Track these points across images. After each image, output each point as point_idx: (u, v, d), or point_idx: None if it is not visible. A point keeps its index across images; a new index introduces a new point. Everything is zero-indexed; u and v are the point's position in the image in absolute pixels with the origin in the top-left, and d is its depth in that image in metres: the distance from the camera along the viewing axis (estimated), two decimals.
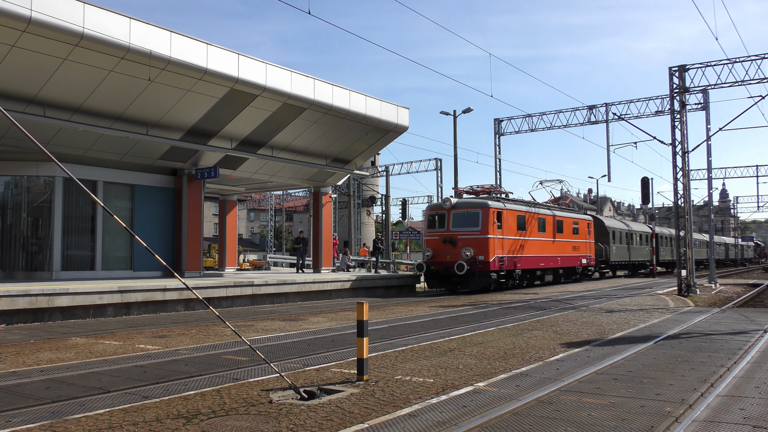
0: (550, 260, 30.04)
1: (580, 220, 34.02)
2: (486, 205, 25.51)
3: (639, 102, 35.10)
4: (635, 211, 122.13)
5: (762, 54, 23.96)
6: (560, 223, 31.25)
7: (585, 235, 34.24)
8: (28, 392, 7.02)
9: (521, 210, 27.82)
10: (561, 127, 37.48)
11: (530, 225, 28.18)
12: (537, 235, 28.71)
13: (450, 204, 26.06)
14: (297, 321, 14.70)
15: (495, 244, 25.18)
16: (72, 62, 17.90)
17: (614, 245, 40.05)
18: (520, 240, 27.08)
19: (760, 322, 14.20)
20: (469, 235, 25.21)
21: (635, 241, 44.61)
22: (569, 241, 32.16)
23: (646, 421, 5.73)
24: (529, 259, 27.93)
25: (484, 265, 24.72)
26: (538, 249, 28.83)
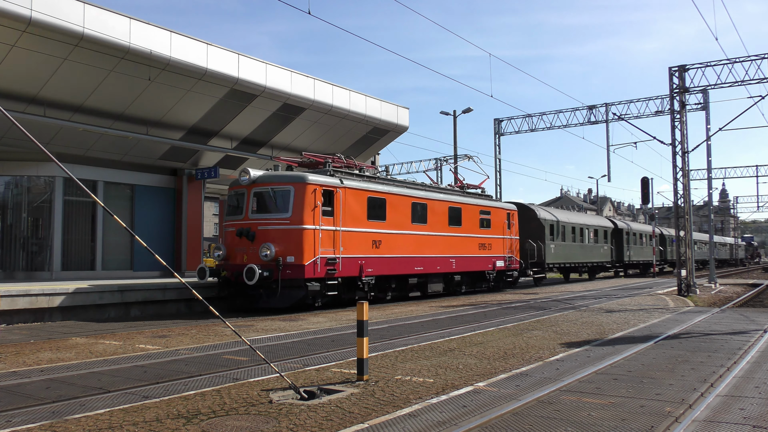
0: (435, 262, 21.89)
1: (495, 210, 26.07)
2: (302, 180, 17.03)
3: (639, 102, 35.09)
4: (635, 211, 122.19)
5: (762, 54, 23.97)
6: (456, 212, 23.34)
7: (502, 230, 26.28)
8: (28, 392, 7.02)
9: (375, 191, 19.37)
10: (561, 127, 37.46)
11: (396, 212, 20.12)
12: (410, 227, 20.78)
13: (249, 179, 17.30)
14: (297, 321, 14.70)
15: (316, 238, 16.88)
16: (72, 62, 17.90)
17: (552, 243, 32.19)
18: (372, 234, 18.93)
19: (760, 322, 14.21)
20: (273, 224, 16.87)
21: (588, 237, 36.87)
22: (474, 236, 24.26)
23: (646, 421, 5.73)
24: (391, 262, 19.73)
25: (296, 271, 16.49)
26: (412, 246, 20.79)
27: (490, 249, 25.45)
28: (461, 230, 23.55)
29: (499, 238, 26.19)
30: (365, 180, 19.70)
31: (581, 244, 35.85)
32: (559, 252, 32.98)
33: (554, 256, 32.33)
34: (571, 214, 37.21)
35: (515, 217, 27.86)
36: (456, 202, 23.55)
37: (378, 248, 19.25)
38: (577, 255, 35.25)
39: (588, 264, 37.35)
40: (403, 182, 22.14)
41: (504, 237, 26.55)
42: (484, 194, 26.87)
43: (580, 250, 35.75)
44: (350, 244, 18.22)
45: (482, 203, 25.40)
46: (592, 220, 39.49)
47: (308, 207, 16.92)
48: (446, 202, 22.93)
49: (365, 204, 18.92)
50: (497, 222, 26.03)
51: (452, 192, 24.51)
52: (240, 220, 17.33)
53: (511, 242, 27.26)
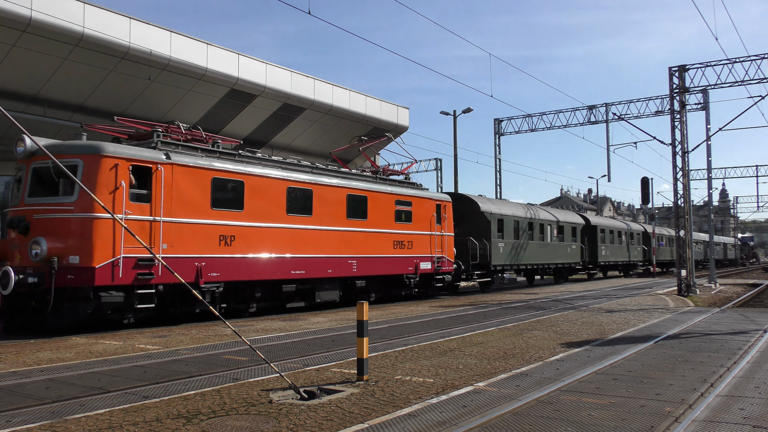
0: (325, 264, 17.42)
1: (418, 200, 21.47)
2: (96, 151, 12.81)
3: (639, 102, 35.11)
4: (635, 211, 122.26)
5: (762, 54, 23.98)
6: (359, 202, 18.90)
7: (428, 225, 21.81)
8: (28, 392, 7.02)
9: (226, 170, 14.94)
10: (561, 127, 37.48)
11: (261, 199, 15.67)
12: (285, 218, 16.26)
13: (25, 150, 13.11)
14: (297, 321, 14.71)
15: (117, 231, 12.66)
16: (72, 62, 17.91)
17: (501, 241, 26.92)
18: (219, 227, 14.63)
19: (760, 322, 14.21)
20: (52, 211, 12.70)
21: (550, 235, 31.96)
22: (386, 232, 19.85)
23: (646, 421, 5.73)
24: (251, 263, 15.26)
25: (81, 276, 12.25)
26: (287, 244, 16.28)
27: (412, 248, 20.80)
28: (367, 224, 18.97)
29: (425, 234, 21.58)
30: (211, 156, 14.98)
31: (542, 243, 30.75)
32: (511, 252, 27.79)
33: (503, 257, 27.01)
34: (525, 207, 31.64)
35: (448, 209, 23.09)
36: (359, 190, 18.89)
37: (229, 246, 14.79)
38: (535, 255, 30.11)
39: (551, 266, 32.26)
40: (275, 161, 16.96)
41: (432, 233, 21.91)
42: (407, 182, 22.11)
43: (541, 249, 30.60)
44: (181, 239, 13.78)
45: (400, 192, 20.69)
46: (557, 214, 34.20)
47: (104, 188, 12.50)
48: (343, 189, 18.25)
49: (209, 187, 14.42)
50: (422, 215, 21.49)
51: (353, 177, 19.46)
52: (15, 207, 13.19)
53: (443, 240, 22.46)
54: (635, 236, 44.56)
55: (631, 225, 46.15)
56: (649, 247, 45.97)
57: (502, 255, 27.02)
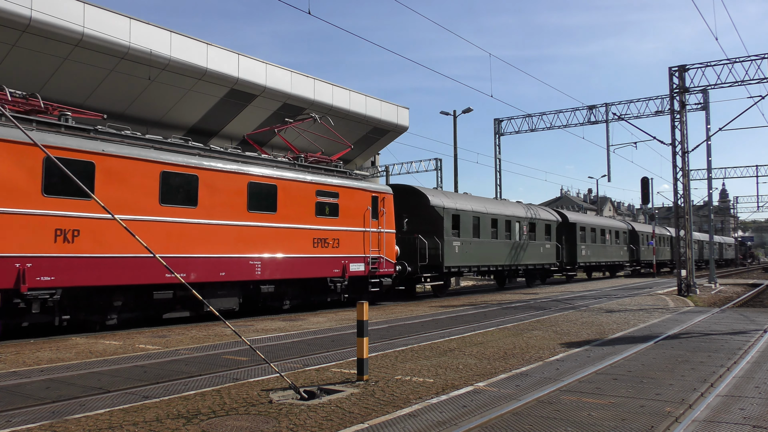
0: (216, 265, 14.56)
1: (348, 191, 18.32)
2: None
3: (639, 102, 35.13)
4: (635, 211, 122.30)
5: (762, 54, 23.98)
6: (266, 192, 15.90)
7: (361, 220, 18.70)
8: (28, 392, 7.02)
9: (67, 148, 12.04)
10: (561, 127, 37.50)
11: (121, 185, 12.93)
12: (158, 210, 13.57)
13: None
14: (297, 321, 14.71)
15: None
16: (72, 62, 17.91)
17: (457, 240, 23.64)
18: (54, 218, 11.80)
19: (760, 322, 14.21)
20: None
21: (518, 233, 28.44)
22: (303, 228, 16.72)
23: (646, 421, 5.73)
24: (104, 265, 12.47)
25: None
26: (161, 241, 13.52)
27: (338, 246, 17.80)
28: (276, 218, 16.01)
29: (357, 231, 18.44)
30: (44, 129, 12.01)
31: (506, 242, 27.39)
32: (469, 251, 24.41)
33: (459, 257, 23.68)
34: (489, 202, 27.91)
35: (388, 202, 19.89)
36: (265, 177, 15.85)
37: (71, 243, 11.92)
38: (500, 255, 26.76)
39: (520, 267, 28.88)
40: (148, 140, 14.01)
41: (366, 230, 18.74)
42: (335, 170, 18.74)
43: (505, 248, 27.24)
44: None
45: (324, 181, 17.56)
46: (529, 211, 30.70)
47: None
48: (243, 176, 15.29)
49: (39, 169, 11.59)
50: (353, 208, 18.40)
51: (260, 162, 16.30)
52: None
53: (380, 237, 19.29)
54: (621, 235, 41.78)
55: (617, 223, 43.73)
56: (637, 247, 43.88)
57: (458, 255, 23.63)
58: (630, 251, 43.19)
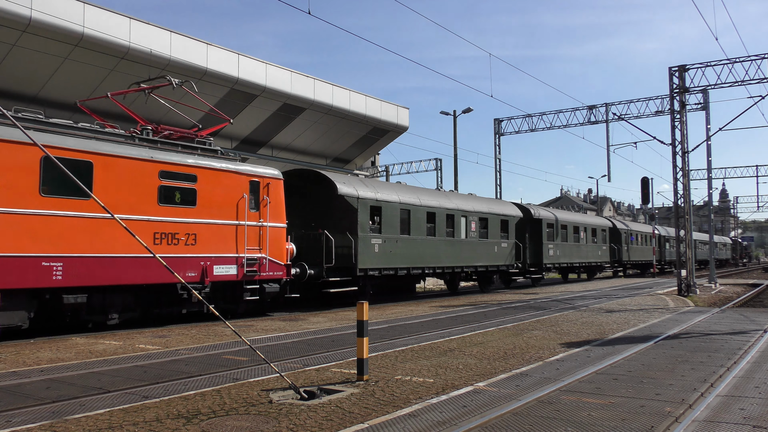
0: None
1: (210, 173, 14.70)
2: None
3: (639, 102, 35.14)
4: (635, 211, 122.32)
5: (762, 54, 24.00)
6: (77, 171, 11.85)
7: (233, 211, 15.05)
8: (28, 392, 7.02)
9: None
10: (561, 127, 37.51)
11: None
12: None
13: None
14: (297, 321, 14.71)
15: None
16: (72, 62, 17.91)
17: (376, 237, 19.48)
18: None
19: (760, 322, 14.21)
20: None
21: (465, 230, 24.26)
22: (139, 219, 13.26)
23: (646, 421, 5.73)
24: None
25: None
26: None
27: (195, 244, 14.24)
28: (91, 206, 12.25)
29: (226, 224, 14.80)
30: None
31: (448, 240, 23.14)
32: (395, 251, 20.23)
33: (380, 258, 19.57)
34: (425, 192, 23.34)
35: (275, 190, 16.13)
36: (74, 151, 12.24)
37: None
38: (436, 255, 22.39)
39: (468, 268, 24.65)
40: None
41: (241, 223, 15.05)
42: (203, 147, 15.09)
43: (447, 247, 23.00)
44: None
45: (172, 160, 13.94)
46: (480, 204, 25.97)
47: None
48: (34, 150, 11.40)
49: None
50: (220, 196, 14.72)
51: (70, 132, 12.66)
52: None
53: (262, 232, 15.59)
54: (599, 233, 37.52)
55: (594, 220, 39.30)
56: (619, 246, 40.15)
57: (378, 255, 19.43)
58: (611, 251, 39.21)
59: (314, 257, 17.95)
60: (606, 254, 38.37)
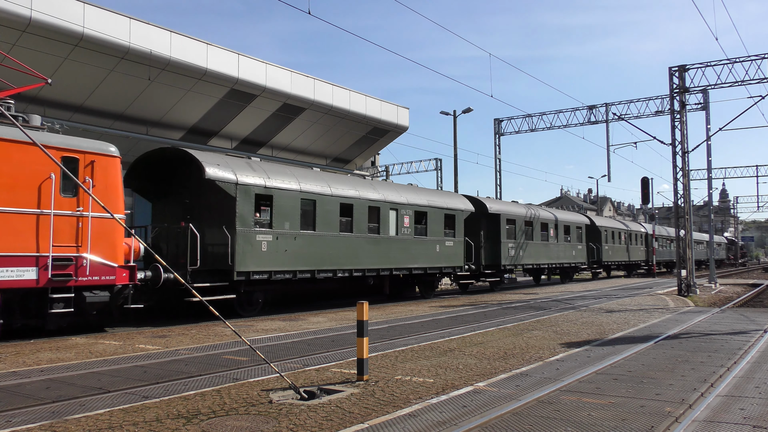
0: None
1: None
2: None
3: (639, 102, 35.12)
4: (635, 211, 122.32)
5: (762, 54, 23.99)
6: None
7: (33, 196, 11.60)
8: (28, 392, 7.02)
9: None
10: (561, 127, 37.49)
11: None
12: None
13: None
14: (297, 321, 14.71)
15: None
16: (72, 62, 17.92)
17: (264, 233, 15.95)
18: None
19: (760, 322, 14.21)
20: None
21: (394, 226, 20.36)
22: None
23: (646, 421, 5.73)
24: None
25: None
26: None
27: None
28: None
29: (18, 212, 11.37)
30: None
31: (377, 237, 19.35)
32: (292, 249, 16.52)
33: (274, 258, 15.98)
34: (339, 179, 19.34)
35: (109, 171, 12.85)
36: None
37: None
38: (363, 255, 18.83)
39: (399, 270, 20.35)
40: None
41: (44, 212, 11.68)
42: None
43: (375, 247, 19.27)
44: None
45: None
46: (412, 196, 21.58)
47: None
48: None
49: None
50: (11, 176, 11.38)
51: None
52: None
53: (82, 225, 12.24)
54: (574, 231, 33.79)
55: (568, 216, 34.82)
56: (599, 245, 36.61)
57: (267, 255, 15.81)
58: (588, 250, 35.59)
59: (179, 257, 15.06)
60: (582, 254, 34.66)
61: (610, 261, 38.81)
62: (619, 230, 40.71)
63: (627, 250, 41.58)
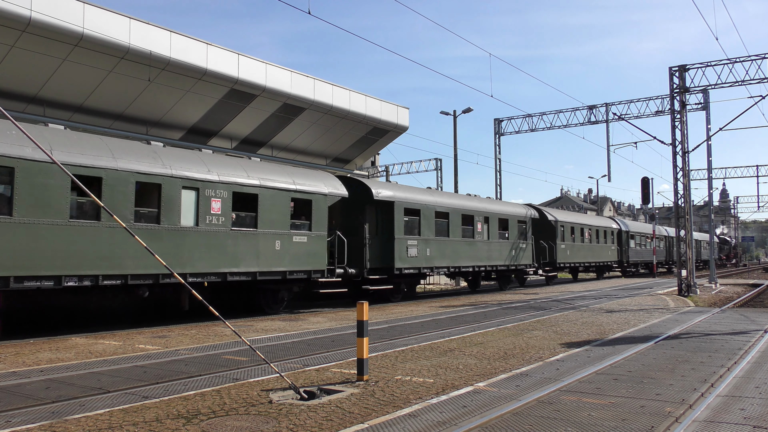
0: None
1: None
2: None
3: (639, 102, 35.12)
4: (635, 211, 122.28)
5: (762, 54, 23.98)
6: None
7: None
8: (28, 392, 7.02)
9: None
10: (561, 127, 37.49)
11: None
12: None
13: None
14: (297, 321, 14.70)
15: None
16: (72, 62, 17.91)
17: None
18: None
19: (760, 322, 14.20)
20: None
21: (188, 211, 13.70)
22: None
23: (647, 421, 5.73)
24: None
25: None
26: None
27: None
28: None
29: None
30: None
31: (162, 228, 13.22)
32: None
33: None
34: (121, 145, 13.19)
35: None
36: None
37: None
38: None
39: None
40: None
41: None
42: None
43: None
44: None
45: None
46: (278, 176, 16.01)
47: None
48: None
49: None
50: None
51: None
52: None
53: None
54: (515, 225, 27.29)
55: (505, 208, 27.59)
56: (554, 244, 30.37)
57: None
58: (539, 250, 29.81)
59: None
60: (527, 254, 28.20)
61: (568, 262, 32.60)
62: (581, 226, 34.36)
63: (592, 249, 35.79)
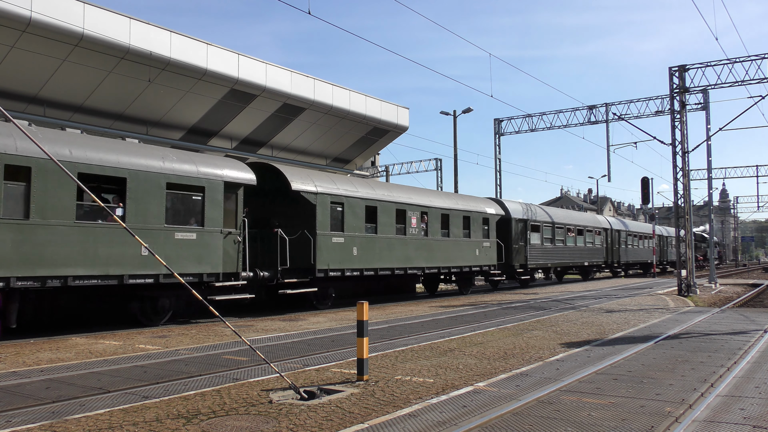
0: None
1: None
2: None
3: (639, 102, 35.11)
4: (635, 211, 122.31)
5: (762, 54, 23.98)
6: None
7: None
8: (28, 392, 7.02)
9: None
10: (561, 127, 37.47)
11: None
12: None
13: None
14: (297, 321, 14.70)
15: None
16: (72, 62, 17.91)
17: None
18: None
19: (760, 322, 14.20)
20: None
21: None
22: None
23: (646, 421, 5.73)
24: None
25: None
26: None
27: None
28: None
29: None
30: None
31: None
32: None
33: None
34: None
35: None
36: None
37: None
38: None
39: None
40: None
41: None
42: None
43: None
44: None
45: None
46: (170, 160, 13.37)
47: None
48: None
49: None
50: None
51: None
52: None
53: None
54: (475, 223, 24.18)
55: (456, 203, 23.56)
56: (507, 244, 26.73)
57: None
58: (498, 250, 25.99)
59: None
60: (491, 255, 25.20)
61: (540, 264, 29.25)
62: (560, 225, 31.44)
63: (573, 250, 32.90)
